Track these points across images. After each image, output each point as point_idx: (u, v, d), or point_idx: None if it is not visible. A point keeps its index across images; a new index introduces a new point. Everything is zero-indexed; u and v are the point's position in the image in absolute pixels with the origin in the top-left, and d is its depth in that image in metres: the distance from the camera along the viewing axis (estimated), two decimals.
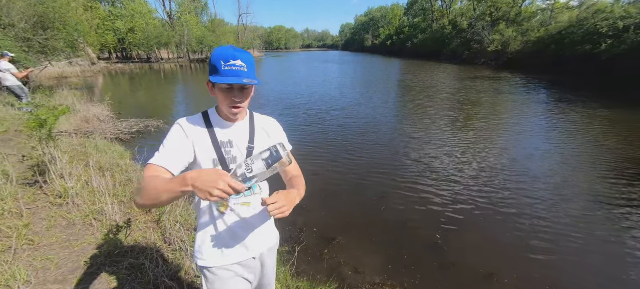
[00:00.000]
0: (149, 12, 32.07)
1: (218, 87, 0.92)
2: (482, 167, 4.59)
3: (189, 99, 12.13)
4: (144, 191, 0.80)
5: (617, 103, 8.91)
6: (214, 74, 0.89)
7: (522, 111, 8.43)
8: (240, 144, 1.02)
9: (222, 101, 0.94)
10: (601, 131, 6.29)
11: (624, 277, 2.41)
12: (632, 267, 2.50)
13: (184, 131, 0.95)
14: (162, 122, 7.19)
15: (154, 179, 0.82)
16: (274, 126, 1.16)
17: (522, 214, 3.30)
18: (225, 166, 0.97)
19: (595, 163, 4.67)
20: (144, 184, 0.81)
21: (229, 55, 0.87)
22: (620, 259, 2.61)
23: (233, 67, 0.87)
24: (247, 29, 56.28)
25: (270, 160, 0.81)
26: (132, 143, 5.98)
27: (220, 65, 0.87)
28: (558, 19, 23.12)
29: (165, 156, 0.90)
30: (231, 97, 0.92)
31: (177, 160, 0.91)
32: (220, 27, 40.78)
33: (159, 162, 0.88)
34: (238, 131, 1.04)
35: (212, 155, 0.97)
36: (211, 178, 0.70)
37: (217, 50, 0.89)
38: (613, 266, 2.53)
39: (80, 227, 2.44)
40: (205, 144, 0.97)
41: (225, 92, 0.92)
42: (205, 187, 0.69)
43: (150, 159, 0.90)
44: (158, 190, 0.78)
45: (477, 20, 30.64)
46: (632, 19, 15.36)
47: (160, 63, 31.64)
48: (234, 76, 0.87)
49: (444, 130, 6.65)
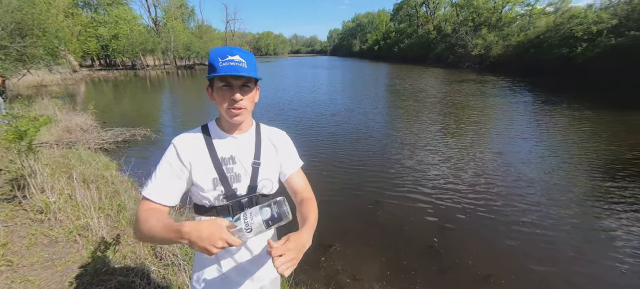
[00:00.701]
0: (133, 19, 31.42)
1: (216, 87, 0.84)
2: (474, 171, 4.67)
3: (176, 107, 11.88)
4: (140, 230, 0.80)
5: (595, 104, 9.32)
6: (212, 72, 0.83)
7: (510, 114, 8.69)
8: (244, 160, 0.92)
9: (221, 102, 0.85)
10: (584, 132, 6.54)
11: (615, 272, 2.49)
12: (621, 260, 2.58)
13: (178, 154, 0.86)
14: (149, 130, 6.98)
15: (149, 217, 0.79)
16: (282, 139, 1.05)
17: (515, 216, 3.37)
18: (227, 185, 0.88)
19: (582, 163, 4.85)
20: (140, 222, 0.80)
21: (226, 52, 0.82)
22: (608, 255, 2.70)
23: (231, 63, 0.81)
24: (235, 34, 55.98)
25: (270, 221, 0.75)
26: (118, 153, 5.77)
27: (217, 62, 0.81)
28: (536, 24, 24.19)
29: (159, 188, 0.85)
30: (230, 96, 0.83)
31: (172, 191, 0.86)
32: (207, 33, 40.40)
33: (153, 197, 0.84)
34: (241, 145, 0.94)
35: (211, 174, 0.87)
36: (208, 235, 0.68)
37: (213, 50, 0.83)
38: (604, 264, 2.61)
39: (63, 244, 2.30)
40: (204, 163, 0.88)
41: (224, 91, 0.83)
42: (203, 244, 0.68)
43: (144, 190, 0.85)
44: (152, 232, 0.77)
45: (461, 25, 31.66)
46: (604, 24, 16.23)
47: (145, 70, 30.94)
48: (232, 70, 0.81)
49: (435, 135, 6.76)
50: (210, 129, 0.94)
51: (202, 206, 0.92)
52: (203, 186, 0.88)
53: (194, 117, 9.53)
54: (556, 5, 26.56)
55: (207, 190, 0.88)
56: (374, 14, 75.60)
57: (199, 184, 0.88)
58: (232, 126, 0.93)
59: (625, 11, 16.19)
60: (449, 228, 3.16)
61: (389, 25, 59.12)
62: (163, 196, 0.85)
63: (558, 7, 26.10)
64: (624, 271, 2.47)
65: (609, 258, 2.65)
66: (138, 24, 32.44)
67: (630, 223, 3.15)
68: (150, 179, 0.87)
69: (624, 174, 4.30)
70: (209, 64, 0.85)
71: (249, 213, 0.76)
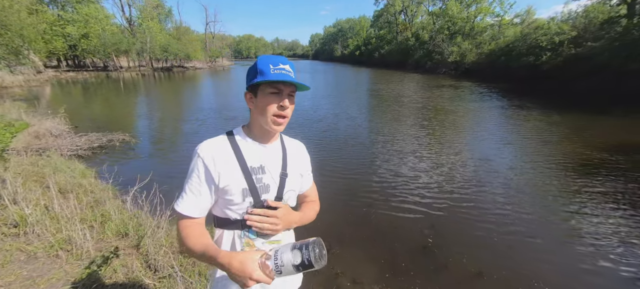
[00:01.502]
0: (105, 17, 29.79)
1: (264, 92, 0.83)
2: (461, 174, 4.88)
3: (154, 110, 11.35)
4: (184, 247, 0.84)
5: (560, 108, 10.10)
6: (261, 76, 0.81)
7: (488, 118, 9.18)
8: (273, 170, 0.91)
9: (267, 108, 0.83)
10: (552, 133, 7.07)
11: (595, 262, 2.69)
12: (596, 250, 2.80)
13: (206, 165, 0.83)
14: (128, 135, 6.63)
15: (188, 236, 0.83)
16: (304, 152, 1.08)
17: (500, 214, 3.55)
18: (257, 196, 0.87)
19: (558, 162, 5.22)
20: (182, 240, 0.84)
21: (277, 60, 0.83)
22: (581, 247, 2.92)
23: (282, 71, 0.81)
24: (215, 37, 54.77)
25: (300, 266, 0.70)
26: (94, 159, 5.42)
27: (268, 68, 0.80)
28: (506, 34, 25.83)
29: (192, 203, 0.85)
30: (279, 101, 0.83)
31: (204, 204, 0.86)
32: (186, 35, 39.19)
33: (188, 213, 0.85)
34: (270, 154, 0.92)
35: (241, 184, 0.85)
36: (239, 273, 0.71)
37: (263, 56, 0.83)
38: (577, 255, 2.81)
39: (43, 260, 2.12)
40: (234, 173, 0.85)
41: (273, 96, 0.83)
42: (237, 280, 0.72)
43: (177, 205, 0.85)
44: (193, 252, 0.81)
45: (437, 33, 33.12)
46: (566, 35, 17.68)
47: (119, 71, 29.38)
48: (286, 77, 0.81)
49: (422, 140, 6.98)
50: (237, 136, 0.90)
51: (226, 219, 0.89)
52: (232, 198, 0.85)
53: (175, 121, 9.17)
54: (522, 17, 28.67)
55: (236, 202, 0.86)
56: (355, 20, 77.16)
57: (227, 196, 0.85)
58: (265, 135, 0.91)
59: (582, 24, 17.74)
60: (441, 228, 3.27)
61: (370, 32, 60.51)
62: (198, 210, 0.85)
63: (524, 19, 28.18)
64: (601, 262, 2.69)
65: (576, 251, 2.86)
66: (111, 23, 30.80)
67: (600, 213, 3.43)
68: (182, 194, 0.85)
69: (591, 170, 4.69)
70: (256, 69, 0.83)
71: (280, 253, 0.71)
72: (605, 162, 5.12)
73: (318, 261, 0.69)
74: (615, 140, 6.42)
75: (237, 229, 0.88)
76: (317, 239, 0.72)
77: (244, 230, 0.88)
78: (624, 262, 2.70)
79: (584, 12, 18.52)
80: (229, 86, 19.90)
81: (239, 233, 0.88)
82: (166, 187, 3.41)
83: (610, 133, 7.04)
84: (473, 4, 32.14)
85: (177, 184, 3.75)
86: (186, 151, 6.16)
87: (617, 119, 8.51)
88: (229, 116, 9.78)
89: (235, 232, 0.89)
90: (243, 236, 0.88)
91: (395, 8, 45.88)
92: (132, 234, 2.57)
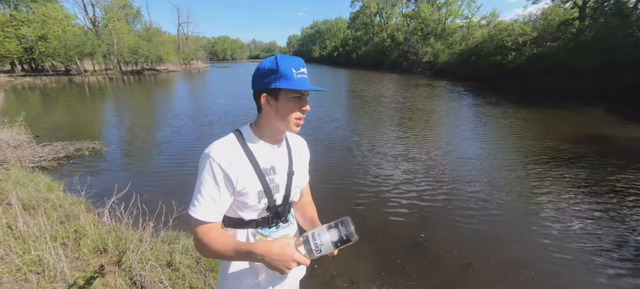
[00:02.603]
0: (65, 18, 27.64)
1: (287, 97, 0.82)
2: (445, 168, 5.07)
3: (124, 116, 10.67)
4: (207, 252, 0.81)
5: (526, 104, 10.85)
6: (285, 81, 0.80)
7: (464, 116, 9.65)
8: (281, 170, 0.93)
9: (290, 112, 0.84)
10: (521, 128, 7.57)
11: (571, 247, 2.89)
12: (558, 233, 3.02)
13: (223, 169, 0.80)
14: (98, 144, 6.17)
15: (211, 241, 0.80)
16: (305, 147, 1.11)
17: (483, 205, 3.73)
18: (271, 197, 0.88)
19: (528, 153, 5.58)
20: (204, 246, 0.80)
21: (299, 63, 0.82)
22: (545, 228, 3.14)
23: (303, 75, 0.82)
24: (189, 38, 52.82)
25: (339, 242, 0.77)
26: (60, 171, 5.00)
27: (291, 73, 0.80)
28: (474, 35, 27.33)
29: (211, 208, 0.82)
30: (301, 107, 0.85)
31: (221, 209, 0.84)
32: (157, 36, 37.42)
33: (209, 218, 0.82)
34: (279, 154, 0.94)
35: (257, 186, 0.85)
36: (281, 258, 0.72)
37: (284, 59, 0.81)
38: (542, 237, 3.01)
39: (10, 285, 1.90)
40: (249, 175, 0.84)
41: (295, 101, 0.83)
42: (277, 265, 0.72)
43: (194, 212, 0.81)
44: (222, 255, 0.79)
45: (411, 34, 34.30)
46: (528, 36, 19.03)
47: (82, 75, 27.38)
48: (306, 83, 0.83)
49: (404, 140, 7.16)
50: (246, 137, 0.88)
51: (239, 219, 0.89)
52: (248, 200, 0.85)
53: (148, 127, 8.68)
54: (488, 19, 30.54)
55: (252, 203, 0.86)
56: (332, 22, 77.80)
57: (244, 199, 0.85)
58: (276, 136, 0.92)
59: (542, 26, 19.19)
60: (431, 223, 3.36)
61: (347, 33, 61.35)
62: (217, 215, 0.84)
63: (490, 21, 30.03)
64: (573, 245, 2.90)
65: (539, 232, 3.07)
66: (72, 24, 28.62)
67: (566, 198, 3.71)
68: (198, 199, 0.81)
69: (556, 160, 5.07)
70: (277, 72, 0.80)
71: (317, 234, 0.77)
72: (567, 152, 5.58)
73: (353, 236, 0.77)
74: (572, 132, 7.03)
75: (250, 228, 0.90)
76: (348, 217, 0.81)
77: (257, 228, 0.91)
78: (587, 237, 2.98)
79: (543, 14, 20.05)
80: (204, 90, 19.21)
81: (252, 231, 0.90)
82: (148, 197, 3.21)
83: (568, 126, 7.69)
84: (443, 6, 33.67)
85: (159, 194, 3.57)
86: (164, 160, 5.85)
87: (573, 114, 9.29)
88: (207, 119, 9.44)
89: (249, 230, 0.90)
90: (256, 234, 0.91)
91: (371, 10, 46.91)
92: (112, 250, 2.38)
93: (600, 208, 3.61)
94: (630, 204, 3.69)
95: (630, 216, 3.43)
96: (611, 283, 2.47)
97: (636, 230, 3.17)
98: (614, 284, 2.46)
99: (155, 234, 2.62)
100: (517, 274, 2.53)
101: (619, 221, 3.33)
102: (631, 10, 14.14)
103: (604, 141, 6.29)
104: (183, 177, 4.80)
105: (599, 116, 8.87)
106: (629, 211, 3.53)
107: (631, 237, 3.05)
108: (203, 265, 2.33)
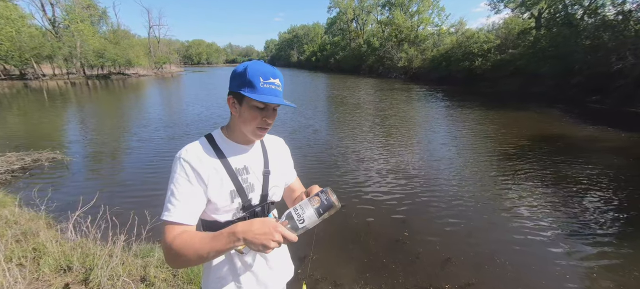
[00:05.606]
0: (20, 18, 25.30)
1: (250, 105, 0.81)
2: (422, 167, 5.26)
3: (89, 123, 9.94)
4: (183, 257, 0.74)
5: (493, 105, 11.61)
6: (249, 89, 0.79)
7: (438, 117, 10.09)
8: (256, 169, 0.92)
9: (251, 120, 0.82)
10: (489, 127, 8.07)
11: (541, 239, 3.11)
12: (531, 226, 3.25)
13: (194, 169, 0.80)
14: (58, 153, 5.70)
15: (187, 241, 0.74)
16: (284, 146, 1.11)
17: (459, 202, 3.91)
18: (245, 196, 0.87)
19: (495, 151, 5.95)
20: (179, 249, 0.74)
21: (268, 73, 0.80)
22: (515, 224, 3.37)
23: (272, 86, 0.80)
24: (161, 41, 50.62)
25: (321, 208, 0.76)
26: (15, 184, 4.55)
27: (258, 81, 0.78)
28: (444, 42, 28.83)
29: (185, 209, 0.79)
30: (263, 117, 0.83)
31: (196, 210, 0.81)
32: (125, 39, 35.46)
33: (183, 220, 0.78)
34: (253, 155, 0.94)
35: (229, 186, 0.84)
36: (264, 230, 0.69)
37: (255, 65, 0.80)
38: (517, 231, 3.23)
39: None
40: (221, 176, 0.84)
41: (258, 111, 0.82)
42: (260, 240, 0.68)
43: (167, 215, 0.78)
44: (200, 253, 0.73)
45: (386, 40, 35.46)
46: (492, 43, 20.43)
47: (40, 80, 25.22)
48: (273, 95, 0.80)
49: (383, 142, 7.35)
50: (217, 139, 0.89)
51: (214, 222, 0.87)
52: (219, 200, 0.84)
53: (115, 133, 8.16)
54: (456, 27, 32.43)
55: (224, 204, 0.85)
56: (310, 27, 78.38)
57: (215, 200, 0.84)
58: (246, 138, 0.91)
59: (504, 34, 20.69)
60: (411, 221, 3.46)
61: (324, 38, 62.03)
62: (192, 217, 0.80)
63: (458, 29, 31.90)
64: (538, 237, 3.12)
65: (512, 227, 3.30)
66: (28, 24, 26.30)
67: (531, 191, 4.00)
68: (171, 202, 0.78)
69: (525, 157, 5.46)
70: (245, 78, 0.79)
71: (299, 206, 0.77)
72: (529, 150, 6.05)
73: (335, 203, 0.77)
74: (533, 131, 7.64)
75: None
76: (329, 187, 0.80)
77: None
78: (550, 222, 3.24)
79: (504, 23, 21.64)
80: (177, 96, 18.43)
81: None
82: (118, 208, 3.02)
83: (530, 126, 8.33)
84: (415, 14, 35.23)
85: (131, 205, 3.38)
86: (135, 168, 5.53)
87: (534, 115, 10.08)
88: (184, 130, 9.06)
89: None
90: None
91: (348, 16, 47.88)
92: (78, 267, 2.19)
93: (560, 197, 4.01)
94: (583, 192, 4.14)
95: (586, 201, 3.89)
96: (572, 260, 2.69)
97: (588, 210, 3.64)
98: (576, 258, 2.69)
99: (127, 248, 2.45)
100: (492, 265, 2.67)
101: (576, 206, 3.75)
102: (579, 21, 15.69)
103: (561, 139, 6.88)
104: (157, 185, 4.56)
105: (556, 116, 9.70)
106: (584, 197, 4.00)
107: (588, 217, 3.46)
108: (180, 278, 2.22)
